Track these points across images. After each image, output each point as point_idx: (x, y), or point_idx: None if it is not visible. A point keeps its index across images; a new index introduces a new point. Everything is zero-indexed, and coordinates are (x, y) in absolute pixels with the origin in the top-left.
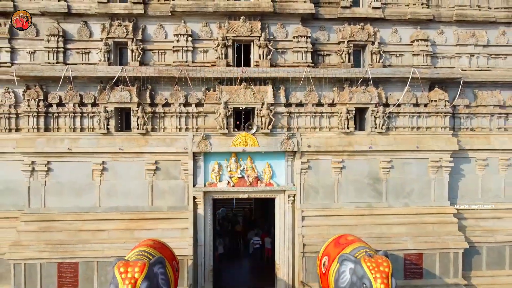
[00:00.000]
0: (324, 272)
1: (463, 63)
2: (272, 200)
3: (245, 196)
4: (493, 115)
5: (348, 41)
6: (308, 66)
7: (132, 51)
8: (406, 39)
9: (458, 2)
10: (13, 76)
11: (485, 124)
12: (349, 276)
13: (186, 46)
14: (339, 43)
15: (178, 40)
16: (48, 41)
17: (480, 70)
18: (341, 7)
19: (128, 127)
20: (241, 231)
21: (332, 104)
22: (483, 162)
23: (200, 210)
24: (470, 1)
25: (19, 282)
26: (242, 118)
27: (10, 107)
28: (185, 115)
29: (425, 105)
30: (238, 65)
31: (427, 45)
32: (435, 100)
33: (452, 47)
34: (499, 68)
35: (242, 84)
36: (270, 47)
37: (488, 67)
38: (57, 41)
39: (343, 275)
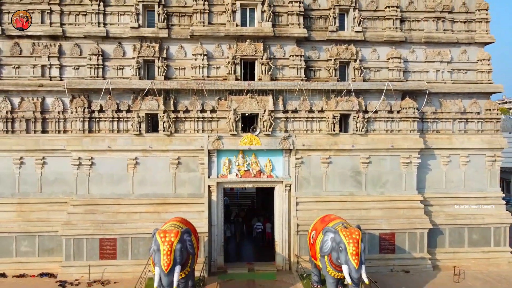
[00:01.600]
0: (312, 242)
1: (430, 76)
2: (272, 190)
3: (250, 185)
4: (455, 120)
5: (335, 59)
6: (302, 79)
7: (158, 67)
8: (383, 57)
9: (427, 26)
10: (64, 88)
11: (448, 127)
12: (330, 243)
13: (202, 63)
14: (327, 60)
15: (196, 59)
16: (90, 59)
17: (444, 83)
18: (329, 31)
19: (155, 129)
20: (245, 217)
21: (321, 111)
22: (447, 158)
23: (214, 197)
24: (437, 25)
25: (69, 254)
26: (248, 122)
27: (59, 113)
28: (202, 119)
29: (398, 112)
30: (245, 79)
31: (400, 62)
32: (406, 108)
33: (421, 63)
34: (461, 81)
35: (248, 94)
36: (270, 64)
37: (451, 80)
38: (97, 59)
39: (326, 243)
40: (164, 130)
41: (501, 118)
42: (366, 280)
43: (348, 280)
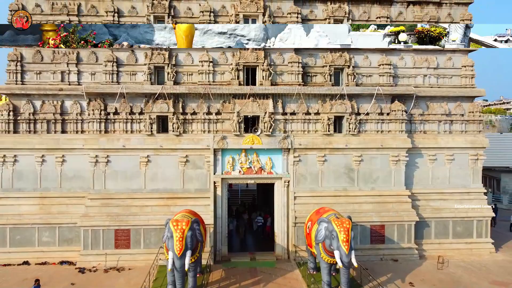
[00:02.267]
0: (308, 232)
1: (418, 81)
2: (272, 186)
3: (252, 181)
4: (440, 121)
5: (330, 65)
6: (300, 84)
7: (168, 73)
8: (375, 63)
9: None
10: (82, 92)
11: (434, 128)
12: (324, 232)
13: (208, 70)
14: (323, 66)
15: (202, 65)
16: (106, 65)
17: (431, 87)
18: None
19: (165, 130)
20: (245, 212)
21: (317, 113)
22: (433, 157)
23: (219, 192)
24: None
25: (87, 243)
26: (250, 123)
27: (77, 115)
28: (208, 121)
29: (388, 114)
30: (247, 84)
31: (390, 68)
32: (395, 110)
33: (410, 69)
34: (446, 85)
35: (250, 98)
36: (271, 70)
37: (437, 85)
38: (112, 66)
39: (320, 232)
40: (173, 131)
41: (497, 118)
42: (355, 264)
43: (339, 264)
